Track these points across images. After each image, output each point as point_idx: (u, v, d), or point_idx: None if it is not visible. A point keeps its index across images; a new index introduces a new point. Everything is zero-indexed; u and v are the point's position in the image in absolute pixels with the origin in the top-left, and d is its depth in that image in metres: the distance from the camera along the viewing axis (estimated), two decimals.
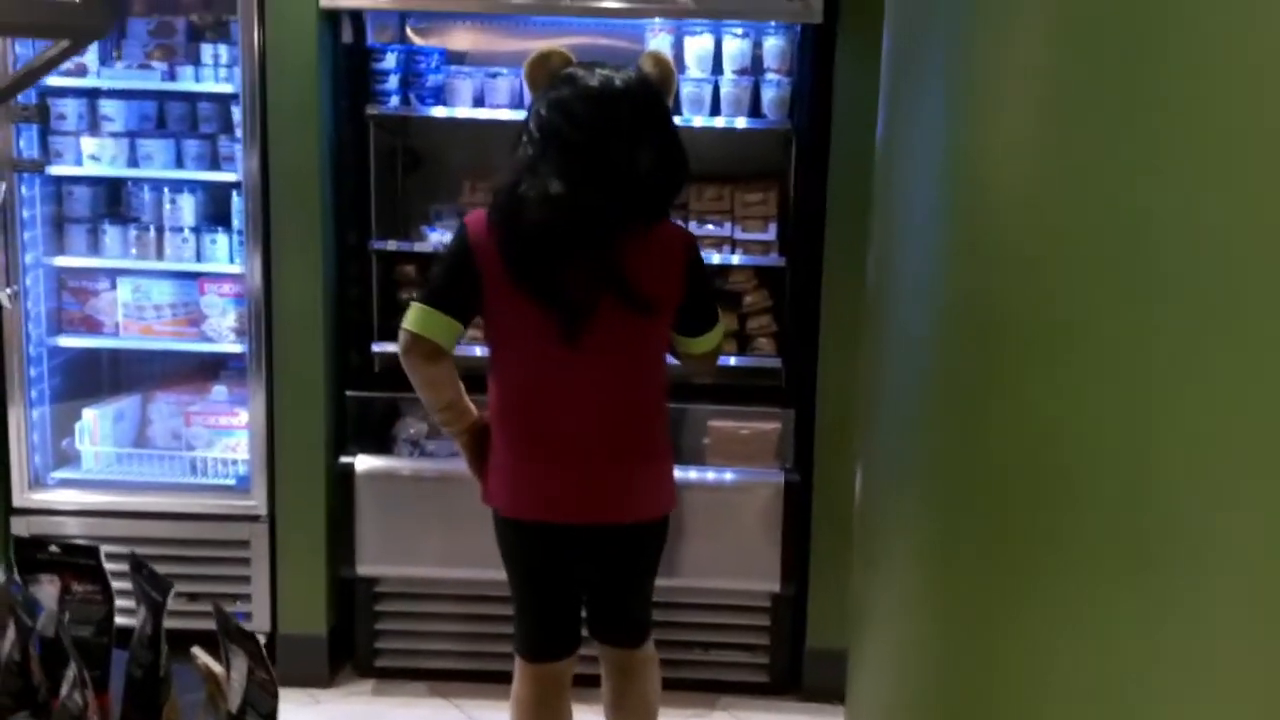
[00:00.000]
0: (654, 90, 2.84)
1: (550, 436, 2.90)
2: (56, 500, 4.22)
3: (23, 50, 3.99)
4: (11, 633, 1.98)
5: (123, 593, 2.13)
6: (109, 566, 2.13)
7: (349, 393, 4.16)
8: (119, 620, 2.13)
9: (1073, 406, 1.41)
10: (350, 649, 4.25)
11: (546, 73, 2.84)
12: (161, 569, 2.12)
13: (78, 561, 2.16)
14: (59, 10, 1.39)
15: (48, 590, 2.14)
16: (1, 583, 2.06)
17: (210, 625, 1.95)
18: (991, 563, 1.61)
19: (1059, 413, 1.45)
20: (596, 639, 3.17)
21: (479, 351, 3.51)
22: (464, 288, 2.83)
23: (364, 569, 4.12)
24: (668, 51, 3.99)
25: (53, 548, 2.18)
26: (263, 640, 1.84)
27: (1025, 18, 1.60)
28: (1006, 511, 1.56)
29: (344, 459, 4.08)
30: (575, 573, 3.04)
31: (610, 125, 2.74)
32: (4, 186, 4.02)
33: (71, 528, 4.15)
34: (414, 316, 2.82)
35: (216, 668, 1.99)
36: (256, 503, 4.14)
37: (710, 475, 4.04)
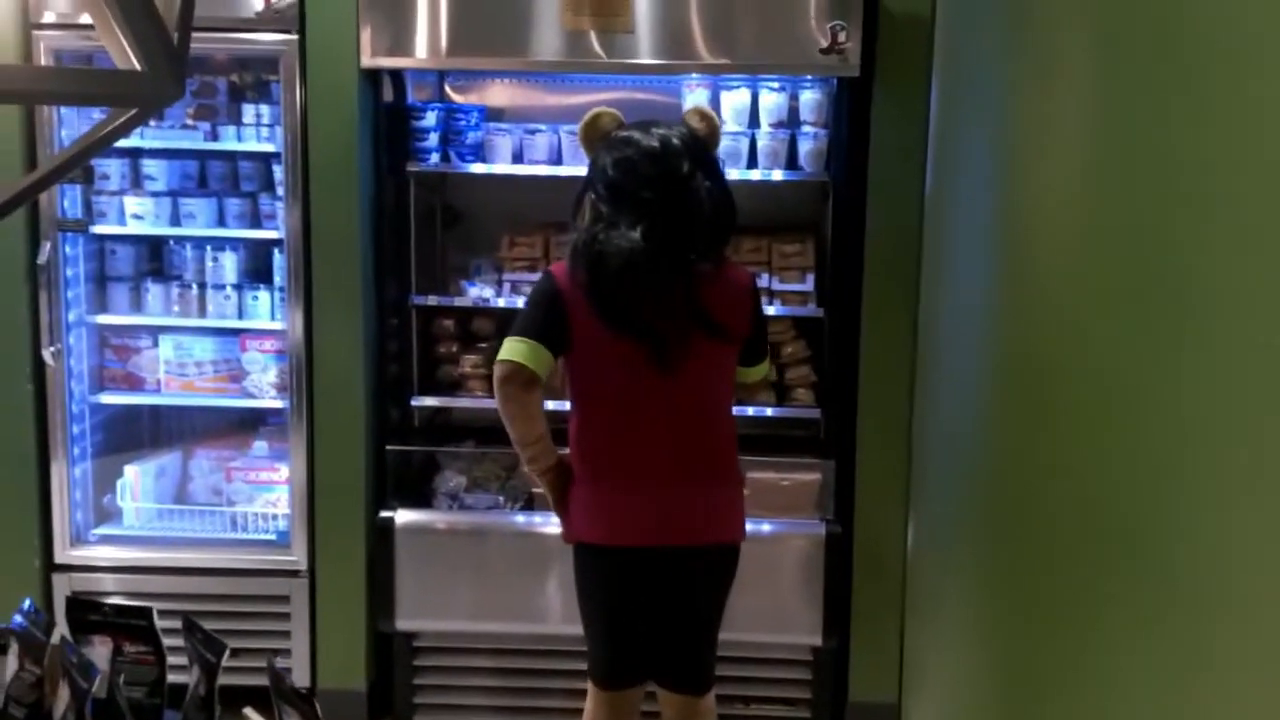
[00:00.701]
0: (703, 144, 3.08)
1: (639, 465, 3.08)
2: (97, 557, 4.24)
3: (67, 114, 4.06)
4: (65, 694, 1.99)
5: (172, 649, 2.14)
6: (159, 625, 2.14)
7: (389, 447, 4.17)
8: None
9: (1123, 463, 1.40)
10: (389, 703, 4.23)
11: (599, 133, 3.10)
12: (201, 625, 2.13)
13: (130, 622, 2.17)
14: (129, 80, 1.41)
15: (100, 651, 2.15)
16: (56, 644, 2.07)
17: (254, 680, 1.95)
18: (1045, 617, 1.60)
19: (1109, 469, 1.44)
20: (663, 685, 3.24)
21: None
22: (555, 326, 3.01)
23: (403, 623, 4.11)
24: (707, 105, 4.03)
25: (105, 609, 2.19)
26: None
27: (1070, 79, 1.61)
28: (1060, 567, 1.55)
29: (384, 513, 4.09)
30: (656, 599, 3.15)
31: (674, 179, 2.97)
32: (48, 246, 4.07)
33: (112, 584, 4.16)
34: (512, 348, 2.98)
35: None
36: (297, 557, 4.15)
37: (749, 527, 4.02)
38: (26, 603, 2.17)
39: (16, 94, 1.59)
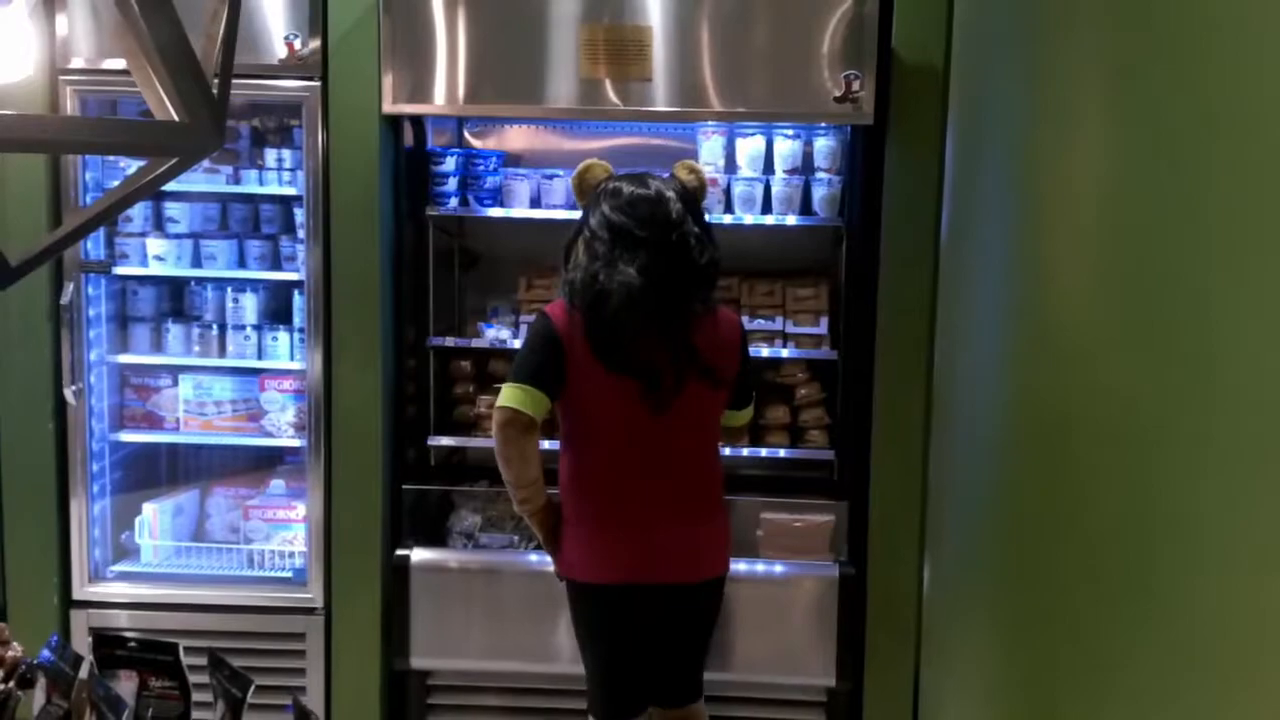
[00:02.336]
0: (692, 193, 3.27)
1: (631, 502, 3.19)
2: (115, 593, 4.27)
3: (93, 158, 4.12)
4: None
5: (196, 686, 2.17)
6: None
7: (405, 486, 4.21)
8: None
9: (1143, 512, 1.42)
10: None
11: (591, 183, 3.26)
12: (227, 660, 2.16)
13: (156, 658, 2.20)
14: (170, 131, 1.46)
15: (125, 686, 2.18)
16: (84, 678, 2.10)
17: (270, 718, 1.98)
18: (1065, 666, 1.62)
19: (1129, 518, 1.46)
20: (659, 705, 3.38)
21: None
22: (551, 368, 3.10)
23: (417, 661, 4.13)
24: (719, 154, 4.09)
25: (131, 643, 2.22)
26: None
27: (1086, 124, 1.64)
28: (1079, 616, 1.56)
29: (399, 552, 4.12)
30: (650, 633, 3.27)
31: (668, 222, 3.14)
32: (71, 286, 4.13)
33: (129, 620, 4.19)
34: (511, 394, 3.07)
35: None
36: (313, 595, 4.18)
37: (762, 568, 4.05)
38: (54, 637, 2.20)
39: (58, 144, 1.64)
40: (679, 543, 3.20)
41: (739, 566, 3.92)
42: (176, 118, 1.57)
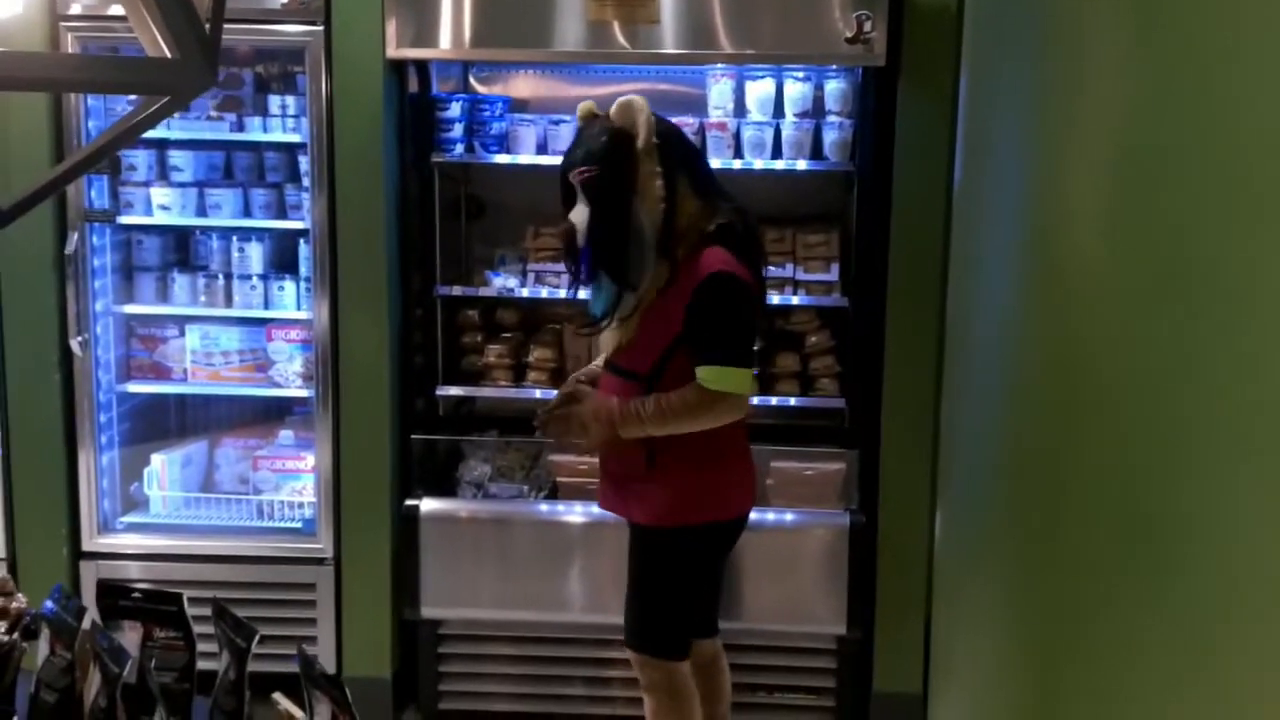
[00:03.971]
0: None
1: (746, 445, 3.30)
2: (125, 544, 4.27)
3: (94, 105, 4.08)
4: (97, 679, 2.01)
5: (200, 636, 2.15)
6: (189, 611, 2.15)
7: (414, 436, 4.19)
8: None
9: (1156, 461, 1.39)
10: (414, 691, 4.26)
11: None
12: (232, 610, 2.14)
13: (160, 608, 2.18)
14: (161, 68, 1.42)
15: (130, 637, 2.17)
16: (86, 629, 2.09)
17: (280, 667, 1.96)
18: (1077, 605, 1.60)
19: (1144, 453, 1.43)
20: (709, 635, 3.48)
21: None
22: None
23: (428, 611, 4.13)
24: (729, 98, 4.04)
25: (135, 594, 2.21)
26: None
27: (1103, 68, 1.60)
28: (1092, 564, 1.54)
29: (409, 502, 4.11)
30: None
31: None
32: (75, 236, 4.10)
33: (139, 571, 4.19)
34: (744, 380, 3.06)
35: (299, 714, 2.01)
36: (322, 545, 4.18)
37: (772, 516, 4.03)
38: (57, 588, 2.18)
39: (50, 82, 1.61)
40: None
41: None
42: (170, 55, 1.53)
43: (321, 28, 3.93)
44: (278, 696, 2.12)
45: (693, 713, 3.25)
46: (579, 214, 3.08)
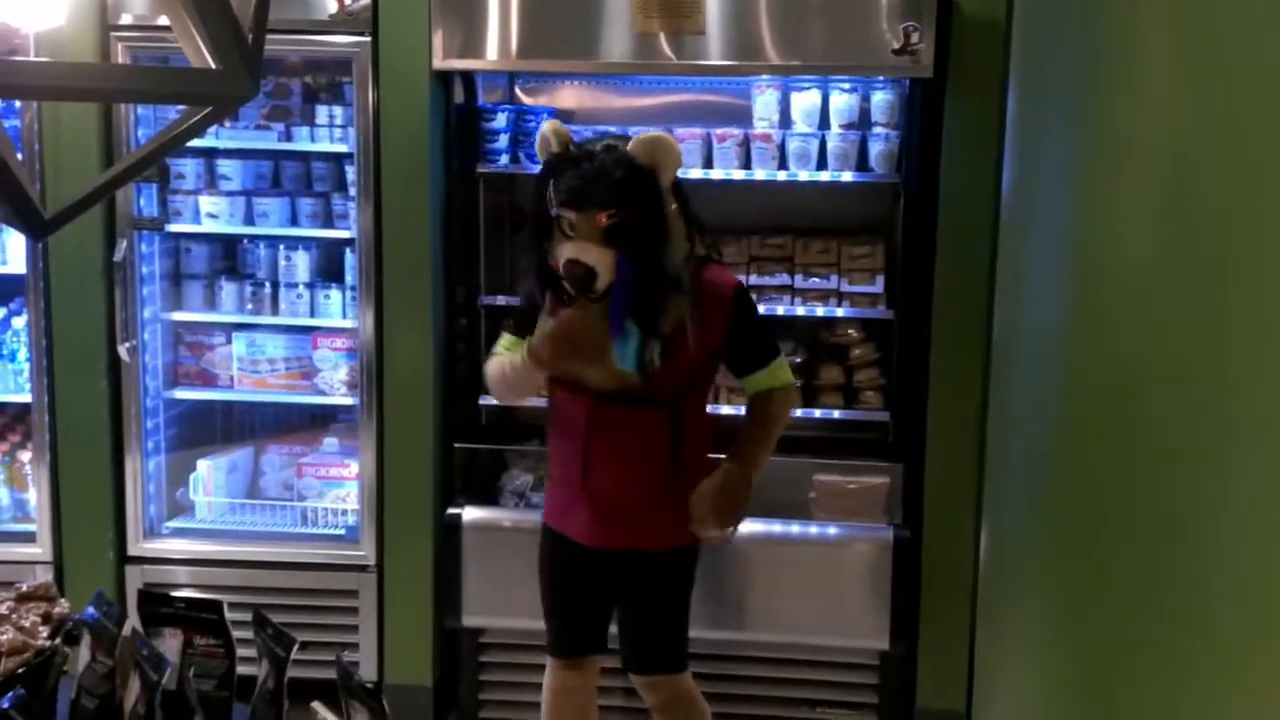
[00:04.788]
0: None
1: None
2: (170, 549, 4.30)
3: (144, 115, 4.13)
4: (136, 686, 2.02)
5: (239, 642, 2.16)
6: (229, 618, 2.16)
7: (457, 445, 4.19)
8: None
9: (1210, 479, 1.36)
10: (454, 699, 4.26)
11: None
12: (270, 618, 2.15)
13: (200, 615, 2.19)
14: (204, 78, 1.43)
15: (170, 644, 2.18)
16: (126, 636, 2.10)
17: (321, 674, 1.96)
18: (1125, 629, 1.57)
19: (1196, 485, 1.40)
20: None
21: None
22: None
23: (469, 620, 4.13)
24: (774, 109, 4.02)
25: (176, 601, 2.22)
26: None
27: (1154, 80, 1.57)
28: (1141, 573, 1.51)
29: (451, 510, 4.11)
30: None
31: None
32: (124, 244, 4.14)
33: (184, 576, 4.23)
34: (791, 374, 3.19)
35: None
36: (365, 553, 4.19)
37: (815, 530, 4.00)
38: (98, 594, 2.20)
39: (94, 92, 1.62)
40: None
41: (790, 529, 3.98)
42: (214, 66, 1.54)
43: (369, 38, 3.95)
44: (316, 705, 2.12)
45: None
46: (595, 256, 2.85)
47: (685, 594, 3.23)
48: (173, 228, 4.30)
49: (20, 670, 2.14)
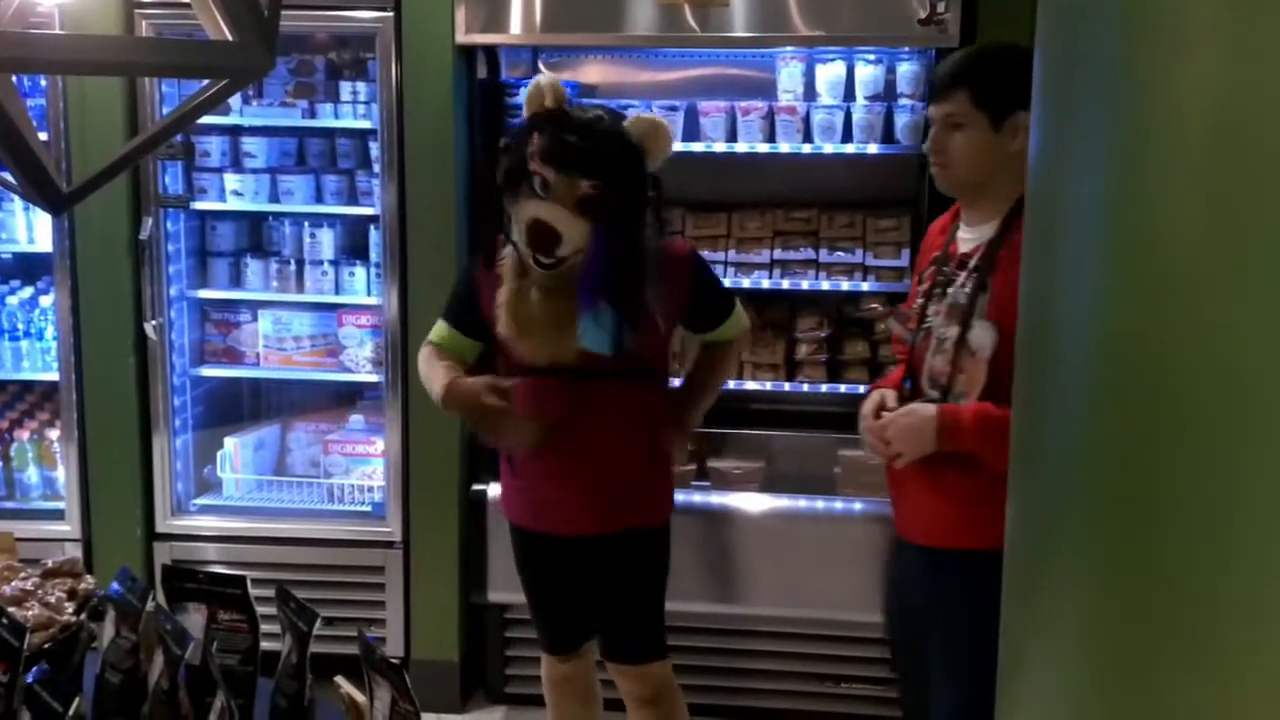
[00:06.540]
0: None
1: None
2: (198, 526, 4.33)
3: (169, 92, 4.13)
4: (160, 661, 2.02)
5: (265, 618, 2.16)
6: (253, 593, 2.16)
7: None
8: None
9: (1249, 454, 1.34)
10: (481, 675, 4.27)
11: None
12: (297, 594, 2.15)
13: (224, 590, 2.19)
14: (219, 51, 1.42)
15: (194, 619, 2.18)
16: (150, 611, 2.10)
17: (347, 649, 1.96)
18: (1156, 611, 1.54)
19: (1237, 470, 1.38)
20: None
21: None
22: None
23: (495, 595, 4.14)
24: (799, 81, 3.99)
25: (200, 576, 2.22)
26: None
27: (1194, 46, 1.54)
28: (1177, 568, 1.49)
29: (476, 486, 4.12)
30: None
31: None
32: (150, 222, 4.15)
33: (212, 553, 4.25)
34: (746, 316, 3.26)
35: (360, 698, 2.01)
36: (391, 529, 4.20)
37: (840, 505, 3.98)
38: (124, 570, 2.20)
39: (110, 65, 1.62)
40: None
41: (814, 505, 3.98)
42: (230, 39, 1.53)
43: (392, 14, 3.94)
44: (340, 680, 2.13)
45: None
46: (564, 222, 2.72)
47: (660, 576, 3.17)
48: (198, 205, 4.30)
49: (46, 645, 2.15)
